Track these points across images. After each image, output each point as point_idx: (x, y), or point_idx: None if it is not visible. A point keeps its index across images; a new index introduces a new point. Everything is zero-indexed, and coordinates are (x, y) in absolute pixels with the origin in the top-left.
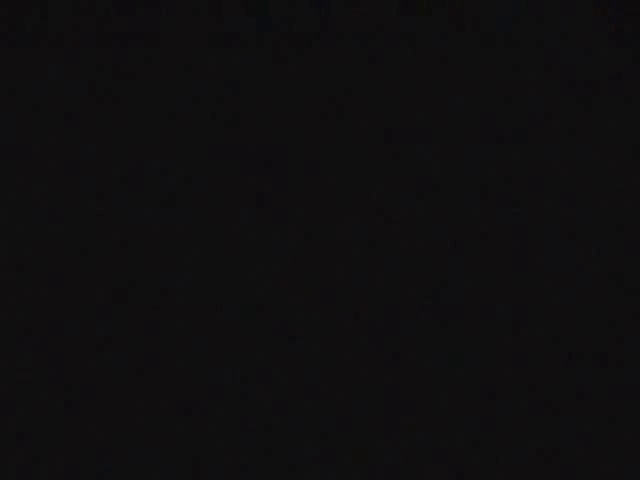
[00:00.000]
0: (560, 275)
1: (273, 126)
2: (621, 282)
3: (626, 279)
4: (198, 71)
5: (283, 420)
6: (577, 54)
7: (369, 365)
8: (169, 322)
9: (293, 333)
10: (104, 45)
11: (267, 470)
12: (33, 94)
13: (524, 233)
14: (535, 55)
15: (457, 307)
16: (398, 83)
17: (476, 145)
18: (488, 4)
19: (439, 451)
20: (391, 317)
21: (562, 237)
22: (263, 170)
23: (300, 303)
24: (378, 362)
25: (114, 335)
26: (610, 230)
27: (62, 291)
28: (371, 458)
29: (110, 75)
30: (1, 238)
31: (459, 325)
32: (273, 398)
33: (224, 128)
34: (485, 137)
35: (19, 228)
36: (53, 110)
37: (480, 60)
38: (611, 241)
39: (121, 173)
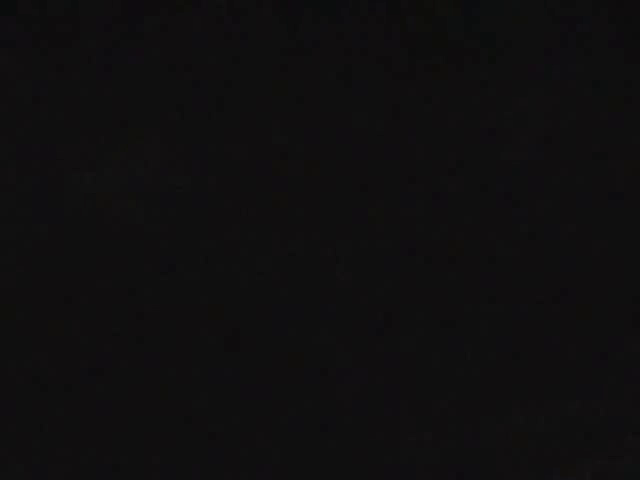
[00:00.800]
0: (560, 274)
1: (273, 125)
2: (621, 282)
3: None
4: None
5: (282, 420)
6: (577, 54)
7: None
8: (168, 322)
9: (292, 333)
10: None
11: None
12: (33, 94)
13: (524, 232)
14: (535, 55)
15: (457, 308)
16: (397, 82)
17: (476, 145)
18: (488, 4)
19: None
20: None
21: (562, 237)
22: (262, 170)
23: (299, 303)
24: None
25: (113, 334)
26: (610, 230)
27: (61, 291)
28: (370, 457)
29: (110, 74)
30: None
31: (458, 324)
32: (273, 398)
33: (223, 128)
34: (485, 137)
35: (18, 228)
36: (52, 109)
37: (480, 60)
38: (611, 241)
39: (120, 172)
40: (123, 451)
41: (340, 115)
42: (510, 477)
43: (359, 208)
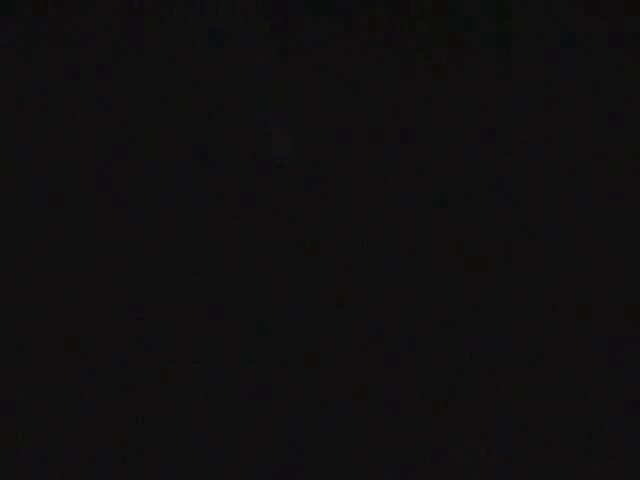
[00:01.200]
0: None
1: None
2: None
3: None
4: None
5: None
6: (577, 54)
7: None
8: (168, 322)
9: (293, 333)
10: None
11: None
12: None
13: (524, 233)
14: (535, 55)
15: (457, 307)
16: (397, 83)
17: (476, 145)
18: (488, 4)
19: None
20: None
21: (562, 239)
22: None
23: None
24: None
25: (113, 334)
26: (610, 230)
27: (61, 290)
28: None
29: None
30: (1, 237)
31: (459, 324)
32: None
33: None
34: (485, 137)
35: (18, 227)
36: (52, 109)
37: (480, 60)
38: (611, 242)
39: (121, 172)
40: (123, 451)
41: (340, 115)
42: (510, 477)
43: (359, 208)
